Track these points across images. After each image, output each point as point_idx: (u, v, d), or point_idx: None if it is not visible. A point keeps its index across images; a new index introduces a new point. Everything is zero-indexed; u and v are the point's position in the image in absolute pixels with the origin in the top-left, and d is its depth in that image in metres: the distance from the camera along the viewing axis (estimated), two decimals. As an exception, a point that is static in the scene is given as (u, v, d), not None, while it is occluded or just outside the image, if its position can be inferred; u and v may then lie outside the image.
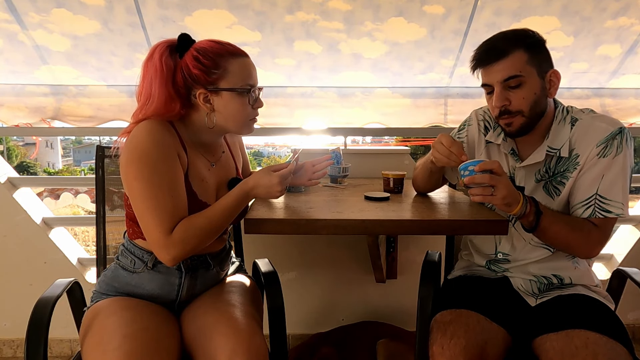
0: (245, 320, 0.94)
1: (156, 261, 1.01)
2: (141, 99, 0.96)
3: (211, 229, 0.93)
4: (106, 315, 0.92)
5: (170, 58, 0.96)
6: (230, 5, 1.72)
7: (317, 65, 1.94)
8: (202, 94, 0.96)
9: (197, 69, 0.94)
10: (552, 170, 1.06)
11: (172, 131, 0.97)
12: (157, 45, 0.96)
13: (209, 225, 0.93)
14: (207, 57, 0.95)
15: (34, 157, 29.60)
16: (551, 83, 1.02)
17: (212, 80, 0.95)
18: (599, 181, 0.99)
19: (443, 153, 1.01)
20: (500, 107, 1.01)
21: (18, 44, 1.77)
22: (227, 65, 0.96)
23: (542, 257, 1.09)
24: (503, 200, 0.93)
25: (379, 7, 1.73)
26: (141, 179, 0.88)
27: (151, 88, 0.94)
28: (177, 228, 0.89)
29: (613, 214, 0.98)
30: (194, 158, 1.01)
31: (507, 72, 0.98)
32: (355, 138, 3.31)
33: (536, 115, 1.02)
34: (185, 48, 0.97)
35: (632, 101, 2.04)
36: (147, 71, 0.96)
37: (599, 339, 0.90)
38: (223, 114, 0.99)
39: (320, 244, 1.87)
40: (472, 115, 1.24)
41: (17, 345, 1.88)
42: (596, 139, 0.99)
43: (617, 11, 1.76)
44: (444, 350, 0.91)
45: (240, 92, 0.98)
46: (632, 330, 2.02)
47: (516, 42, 0.98)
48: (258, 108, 1.04)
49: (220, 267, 1.11)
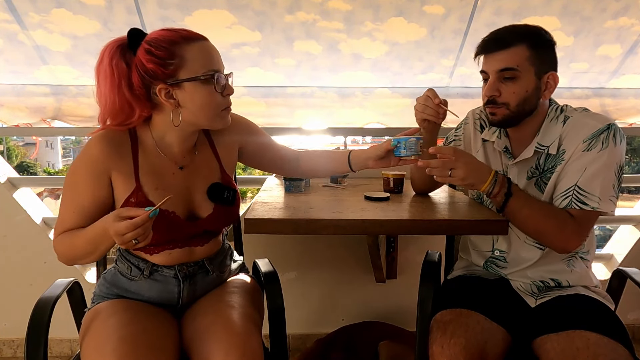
0: (241, 322, 0.93)
1: (152, 269, 0.99)
2: (99, 103, 0.91)
3: (77, 254, 0.93)
4: (105, 317, 0.91)
5: (122, 59, 0.88)
6: (230, 5, 1.72)
7: (317, 65, 1.94)
8: (163, 89, 0.87)
9: (151, 62, 0.86)
10: (542, 167, 1.06)
11: (126, 143, 0.94)
12: (106, 48, 0.89)
13: (74, 249, 0.92)
14: (160, 48, 0.86)
15: (34, 157, 29.60)
16: (547, 85, 1.01)
17: (170, 72, 0.86)
18: (581, 173, 0.98)
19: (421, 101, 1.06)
20: (489, 96, 1.04)
21: (18, 44, 1.77)
22: (184, 53, 0.86)
23: (537, 260, 1.09)
24: (463, 182, 0.97)
25: (379, 7, 1.73)
26: (68, 176, 0.94)
27: (106, 94, 0.89)
28: (59, 237, 0.94)
29: (589, 206, 0.97)
30: (150, 165, 0.95)
31: (504, 63, 0.99)
32: (355, 138, 3.31)
33: (523, 111, 1.03)
34: (137, 43, 0.88)
35: (632, 101, 2.04)
36: (99, 77, 0.89)
37: (600, 339, 0.90)
38: (190, 107, 0.90)
39: (320, 244, 1.87)
40: (468, 115, 1.26)
41: (17, 345, 1.88)
42: (583, 135, 0.99)
43: (618, 11, 1.76)
44: (444, 350, 0.91)
45: (204, 80, 0.88)
46: (632, 331, 2.02)
47: (521, 37, 0.99)
48: (229, 95, 0.94)
49: (220, 270, 1.08)
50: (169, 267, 0.99)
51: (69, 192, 0.93)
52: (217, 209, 1.02)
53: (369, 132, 2.15)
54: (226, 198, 1.02)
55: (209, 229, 1.03)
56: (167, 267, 0.99)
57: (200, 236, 1.03)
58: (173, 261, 1.00)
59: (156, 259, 0.99)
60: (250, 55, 1.89)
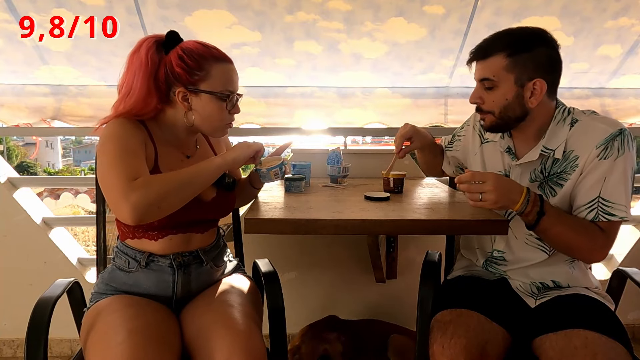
0: (243, 321, 0.94)
1: (148, 259, 1.01)
2: (122, 90, 0.98)
3: (178, 181, 0.90)
4: (109, 312, 0.92)
5: (156, 53, 0.97)
6: (230, 5, 1.72)
7: (317, 65, 1.94)
8: (182, 92, 0.97)
9: (180, 67, 0.96)
10: (548, 171, 1.06)
11: (142, 128, 0.99)
12: (145, 40, 0.98)
13: (176, 176, 0.91)
14: (192, 58, 0.96)
15: (34, 157, 29.62)
16: (533, 92, 1.00)
17: (193, 81, 0.97)
18: (602, 184, 0.98)
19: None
20: (474, 103, 1.09)
21: (18, 44, 1.77)
22: (210, 69, 0.98)
23: (538, 261, 1.09)
24: (495, 205, 0.96)
25: (379, 7, 1.73)
26: (107, 152, 0.90)
27: (133, 81, 0.96)
28: (141, 177, 0.88)
29: (617, 217, 0.96)
30: (164, 152, 1.02)
31: (482, 73, 1.04)
32: (355, 138, 3.31)
33: (508, 118, 1.03)
34: (172, 45, 0.98)
35: (632, 101, 2.04)
36: (131, 63, 0.97)
37: (598, 338, 0.90)
38: (199, 113, 1.00)
39: (320, 244, 1.87)
40: (471, 117, 1.28)
41: (17, 345, 1.88)
42: (595, 140, 0.98)
43: (618, 11, 1.76)
44: (445, 350, 0.91)
45: (219, 97, 0.99)
46: (632, 330, 2.02)
47: (501, 46, 0.99)
48: (234, 114, 1.05)
49: (215, 263, 1.10)
50: (165, 256, 1.02)
51: (115, 155, 0.89)
52: (220, 194, 1.09)
53: (369, 132, 2.15)
54: (227, 183, 1.08)
55: (212, 212, 1.08)
56: (162, 256, 1.02)
57: (200, 223, 1.07)
58: (171, 249, 1.03)
59: (155, 247, 1.02)
60: (250, 55, 1.89)
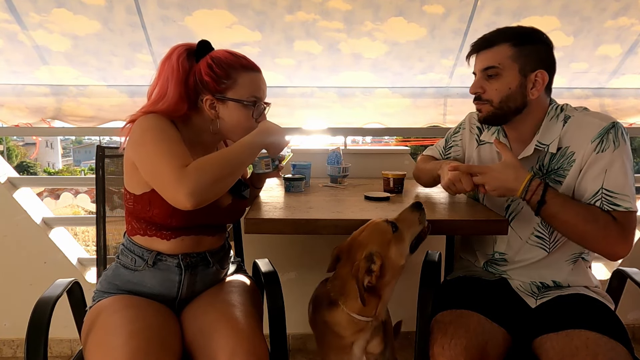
0: (245, 320, 0.94)
1: (156, 258, 1.01)
2: (153, 96, 1.00)
3: (228, 160, 0.92)
4: (110, 313, 0.92)
5: (187, 61, 1.00)
6: (230, 5, 1.72)
7: (317, 65, 1.94)
8: (209, 100, 1.00)
9: (208, 76, 0.98)
10: (546, 168, 1.06)
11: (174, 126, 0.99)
12: (177, 47, 1.01)
13: (225, 155, 0.93)
14: (220, 67, 0.99)
15: (34, 157, 29.61)
16: (535, 83, 1.01)
17: (221, 90, 0.99)
18: (603, 176, 0.97)
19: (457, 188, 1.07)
20: (474, 93, 1.09)
21: (18, 44, 1.77)
22: (238, 78, 1.00)
23: (538, 259, 1.09)
24: (497, 193, 0.99)
25: (379, 7, 1.73)
26: (150, 142, 0.91)
27: (166, 87, 0.98)
28: (192, 163, 0.88)
29: (622, 207, 0.95)
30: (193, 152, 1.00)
31: (487, 61, 1.04)
32: (355, 138, 3.31)
33: (507, 108, 1.04)
34: (202, 54, 1.02)
35: (632, 101, 2.04)
36: (163, 70, 1.00)
37: (599, 338, 0.90)
38: (226, 121, 1.02)
39: (320, 244, 1.87)
40: (465, 119, 1.28)
41: (17, 345, 1.88)
42: (590, 135, 0.98)
43: (617, 11, 1.76)
44: (445, 350, 0.91)
45: (246, 105, 1.01)
46: (632, 330, 2.01)
47: (505, 37, 1.02)
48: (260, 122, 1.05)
49: (220, 265, 1.11)
50: (173, 256, 1.02)
51: (161, 140, 0.91)
52: (234, 201, 1.09)
53: (369, 132, 2.15)
54: (243, 194, 1.10)
55: (226, 217, 1.10)
56: (171, 256, 1.02)
57: (213, 227, 1.08)
58: (181, 249, 1.03)
59: (165, 246, 1.01)
60: (251, 55, 1.85)
